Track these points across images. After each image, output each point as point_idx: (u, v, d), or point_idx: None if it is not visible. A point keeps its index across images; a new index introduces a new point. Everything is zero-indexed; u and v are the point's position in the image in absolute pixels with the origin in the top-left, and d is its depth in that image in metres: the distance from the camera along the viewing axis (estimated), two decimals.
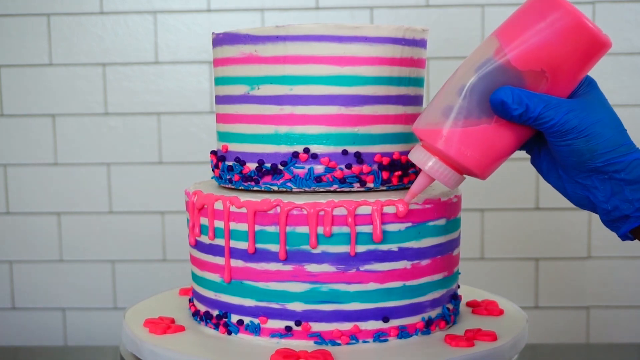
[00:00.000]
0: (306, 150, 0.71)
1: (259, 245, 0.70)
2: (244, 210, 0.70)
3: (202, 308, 0.77)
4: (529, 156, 0.69)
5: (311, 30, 0.70)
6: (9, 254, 1.30)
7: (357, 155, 0.72)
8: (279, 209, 0.69)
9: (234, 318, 0.73)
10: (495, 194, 1.25)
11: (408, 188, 0.72)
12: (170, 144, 1.27)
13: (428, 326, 0.74)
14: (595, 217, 1.25)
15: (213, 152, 0.80)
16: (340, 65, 0.70)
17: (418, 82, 0.77)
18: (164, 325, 0.75)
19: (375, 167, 0.73)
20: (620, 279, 1.27)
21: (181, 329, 0.76)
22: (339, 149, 0.72)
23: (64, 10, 1.25)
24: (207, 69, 1.25)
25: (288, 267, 0.70)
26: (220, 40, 0.75)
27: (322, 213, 0.68)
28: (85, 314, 1.31)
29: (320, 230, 0.69)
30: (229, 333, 0.73)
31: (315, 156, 0.71)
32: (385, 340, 0.71)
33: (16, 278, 1.31)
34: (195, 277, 0.79)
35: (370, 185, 0.73)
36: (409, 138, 0.76)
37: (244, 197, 0.71)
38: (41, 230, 1.29)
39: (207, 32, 1.24)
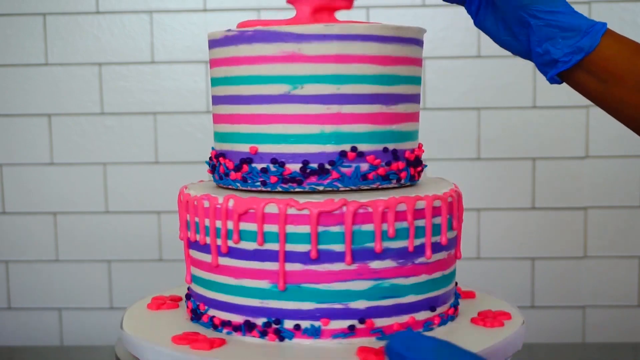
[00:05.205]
0: (353, 149, 0.71)
1: (321, 247, 0.69)
2: (305, 212, 0.68)
3: (238, 319, 0.73)
4: (525, 155, 0.70)
5: (360, 29, 0.70)
6: (5, 254, 1.30)
7: (394, 152, 0.73)
8: (345, 208, 0.68)
9: (289, 324, 0.70)
10: (491, 194, 1.25)
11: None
12: (166, 143, 1.27)
13: (455, 312, 0.77)
14: (592, 217, 1.25)
15: (220, 154, 0.76)
16: (383, 64, 0.71)
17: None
18: (208, 342, 0.69)
19: (405, 163, 0.75)
20: (616, 279, 1.27)
21: (222, 342, 0.70)
22: (380, 147, 0.72)
23: (60, 9, 1.25)
24: (204, 69, 1.25)
25: (353, 267, 0.69)
26: (251, 37, 0.71)
27: (386, 210, 0.69)
28: (82, 314, 1.31)
29: (384, 227, 0.69)
30: (282, 339, 0.70)
31: (361, 154, 0.72)
32: (432, 329, 0.73)
33: (12, 278, 1.31)
34: (223, 287, 0.74)
35: (402, 181, 0.74)
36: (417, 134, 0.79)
37: (302, 199, 0.69)
38: (37, 230, 1.29)
39: (203, 31, 1.24)
